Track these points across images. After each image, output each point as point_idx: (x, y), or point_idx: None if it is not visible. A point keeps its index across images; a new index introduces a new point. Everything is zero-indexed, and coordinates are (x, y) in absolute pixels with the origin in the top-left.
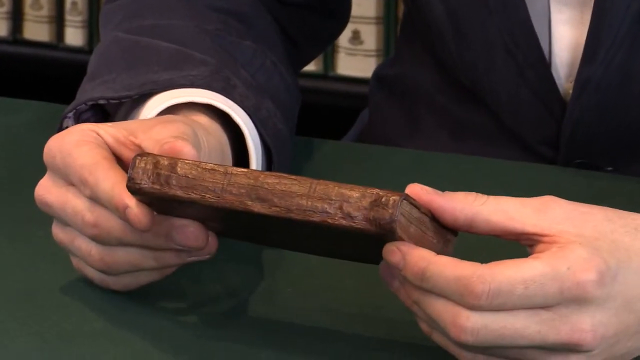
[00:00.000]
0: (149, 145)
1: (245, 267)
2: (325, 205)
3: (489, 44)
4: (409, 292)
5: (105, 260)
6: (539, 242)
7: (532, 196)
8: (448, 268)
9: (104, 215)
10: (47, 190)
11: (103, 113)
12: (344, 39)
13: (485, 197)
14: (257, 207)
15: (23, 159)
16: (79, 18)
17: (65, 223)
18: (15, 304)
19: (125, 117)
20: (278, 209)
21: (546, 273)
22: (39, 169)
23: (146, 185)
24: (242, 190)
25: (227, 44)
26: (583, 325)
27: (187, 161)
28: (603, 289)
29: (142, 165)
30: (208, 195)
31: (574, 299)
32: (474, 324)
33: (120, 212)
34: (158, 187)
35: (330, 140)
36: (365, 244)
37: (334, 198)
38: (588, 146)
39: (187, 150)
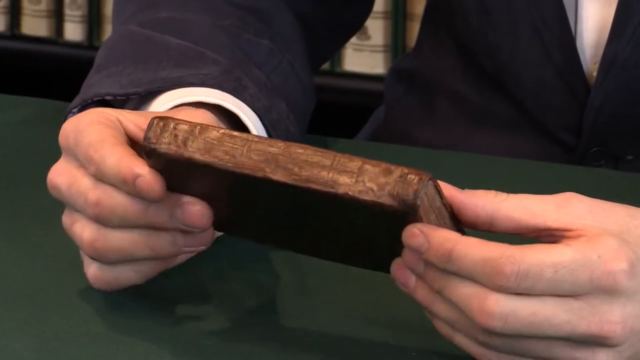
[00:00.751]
0: None
1: (248, 271)
2: (348, 179)
3: (515, 21)
4: (432, 280)
5: (96, 246)
6: (562, 237)
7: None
8: (476, 249)
9: (106, 193)
10: (58, 172)
11: (108, 107)
12: None
13: (505, 194)
14: (276, 175)
15: (21, 156)
16: (79, 12)
17: (73, 208)
18: (13, 304)
19: None
20: (297, 178)
21: (577, 259)
22: (38, 167)
23: (162, 146)
24: (262, 157)
25: (243, 42)
26: (613, 317)
27: (207, 125)
28: (634, 280)
29: (160, 125)
30: (226, 158)
31: (604, 289)
32: (503, 308)
33: (129, 185)
34: (174, 148)
35: (341, 139)
36: (382, 232)
37: (357, 171)
38: (611, 132)
39: None
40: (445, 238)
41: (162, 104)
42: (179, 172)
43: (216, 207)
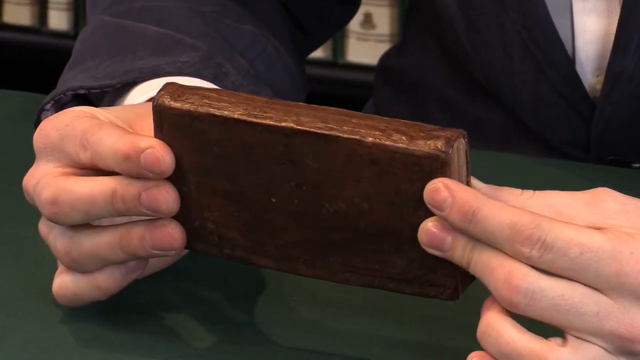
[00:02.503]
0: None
1: (242, 278)
2: (376, 132)
3: (505, 39)
4: (463, 246)
5: (72, 254)
6: None
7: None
8: (505, 211)
9: (65, 185)
10: (30, 176)
11: (87, 103)
12: (354, 22)
13: (531, 192)
14: (301, 124)
15: (3, 153)
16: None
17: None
18: None
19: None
20: (323, 126)
21: (605, 249)
22: (21, 165)
23: (181, 103)
24: (281, 113)
25: (224, 28)
26: None
27: (222, 89)
28: None
29: (171, 89)
30: (245, 111)
31: (633, 290)
32: (530, 284)
33: (132, 161)
34: (189, 104)
35: None
36: (403, 201)
37: (384, 125)
38: (620, 144)
39: None
40: (473, 195)
41: (139, 95)
42: (183, 144)
43: (217, 201)
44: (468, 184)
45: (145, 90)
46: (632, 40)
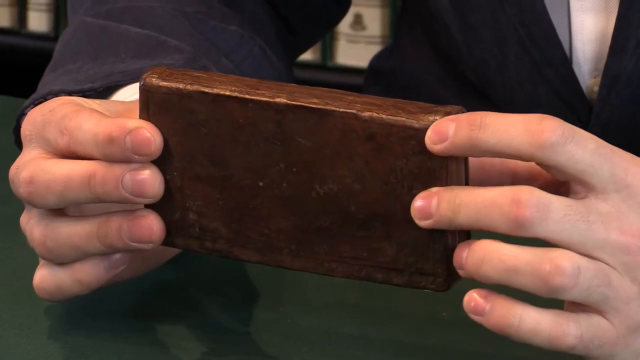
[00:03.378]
0: None
1: (234, 284)
2: (373, 107)
3: (501, 38)
4: (448, 198)
5: (47, 243)
6: None
7: None
8: (511, 115)
9: (42, 167)
10: (16, 163)
11: None
12: (344, 24)
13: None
14: (295, 100)
15: None
16: (44, 0)
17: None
18: None
19: None
20: (318, 101)
21: (615, 149)
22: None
23: (170, 82)
24: (274, 90)
25: (209, 30)
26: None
27: (212, 72)
28: None
29: (159, 70)
30: (236, 89)
31: (636, 192)
32: (539, 197)
33: (118, 143)
34: (178, 83)
35: None
36: (397, 180)
37: (381, 102)
38: (620, 146)
39: None
40: (476, 113)
41: (122, 99)
42: (170, 128)
43: (203, 191)
44: (466, 164)
45: (129, 94)
46: (629, 40)
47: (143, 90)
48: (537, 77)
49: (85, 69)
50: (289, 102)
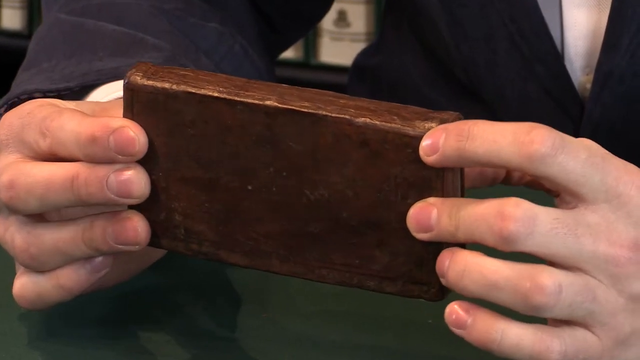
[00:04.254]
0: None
1: (222, 291)
2: (367, 112)
3: (490, 32)
4: (448, 212)
5: (30, 250)
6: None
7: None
8: (500, 124)
9: (22, 170)
10: None
11: None
12: (327, 20)
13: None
14: (285, 103)
15: None
16: None
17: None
18: None
19: None
20: (309, 105)
21: (607, 156)
22: None
23: (155, 81)
24: (263, 91)
25: (188, 27)
26: (626, 238)
27: (199, 70)
28: None
29: (144, 67)
30: (224, 90)
31: (626, 201)
32: (526, 210)
33: (101, 143)
34: (163, 82)
35: None
36: (391, 188)
37: (374, 107)
38: (611, 149)
39: None
40: (465, 122)
41: (98, 99)
42: (155, 127)
43: (189, 192)
44: (462, 171)
45: (106, 94)
46: (622, 37)
47: (127, 89)
48: (527, 74)
49: (61, 68)
50: (279, 105)
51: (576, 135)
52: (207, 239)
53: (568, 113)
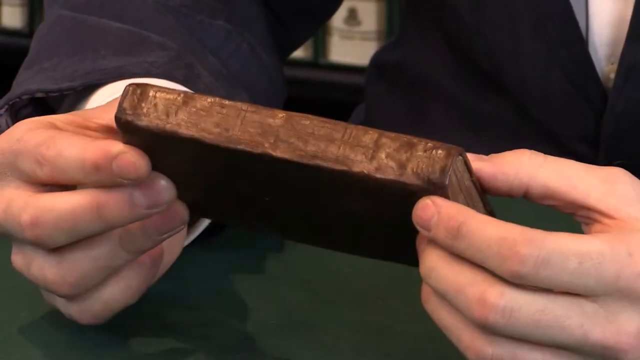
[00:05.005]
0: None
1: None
2: (362, 155)
3: (515, 16)
4: (431, 258)
5: (68, 280)
6: (597, 221)
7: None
8: (492, 226)
9: (44, 204)
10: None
11: (46, 108)
12: (338, 19)
13: (542, 157)
14: (278, 151)
15: None
16: None
17: (19, 241)
18: None
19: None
20: (303, 153)
21: (605, 253)
22: None
23: (141, 118)
24: (259, 130)
25: (194, 25)
26: (631, 328)
27: (192, 93)
28: None
29: (137, 92)
30: (216, 132)
31: (628, 293)
32: (508, 302)
33: (103, 170)
34: (155, 120)
35: None
36: (399, 218)
37: (372, 146)
38: (631, 145)
39: None
40: (458, 211)
41: (102, 99)
42: (159, 150)
43: (206, 192)
44: (474, 183)
45: (110, 93)
46: None
47: (118, 125)
48: (551, 60)
49: (63, 67)
50: (272, 154)
51: (598, 131)
52: (251, 223)
53: (591, 104)
